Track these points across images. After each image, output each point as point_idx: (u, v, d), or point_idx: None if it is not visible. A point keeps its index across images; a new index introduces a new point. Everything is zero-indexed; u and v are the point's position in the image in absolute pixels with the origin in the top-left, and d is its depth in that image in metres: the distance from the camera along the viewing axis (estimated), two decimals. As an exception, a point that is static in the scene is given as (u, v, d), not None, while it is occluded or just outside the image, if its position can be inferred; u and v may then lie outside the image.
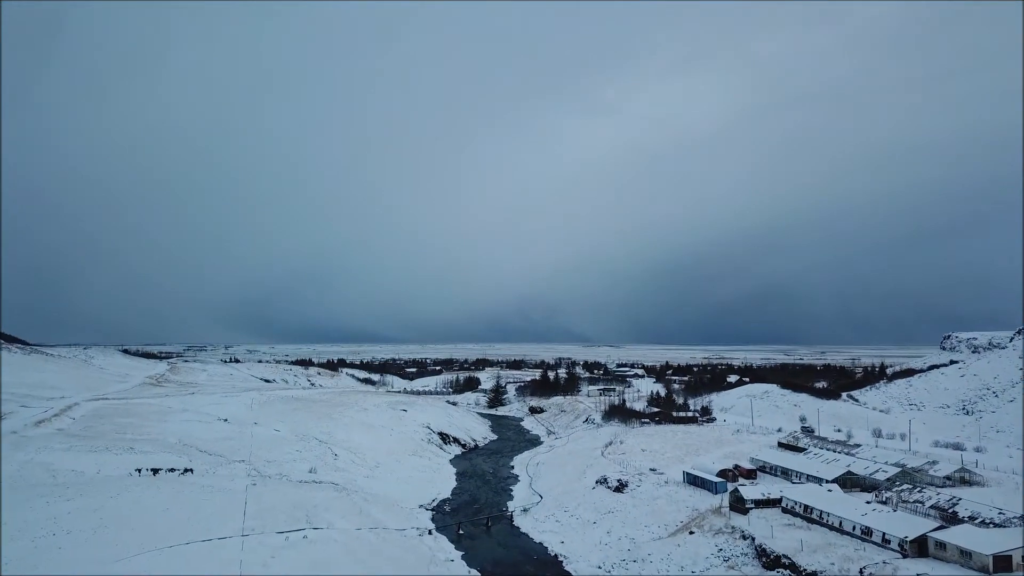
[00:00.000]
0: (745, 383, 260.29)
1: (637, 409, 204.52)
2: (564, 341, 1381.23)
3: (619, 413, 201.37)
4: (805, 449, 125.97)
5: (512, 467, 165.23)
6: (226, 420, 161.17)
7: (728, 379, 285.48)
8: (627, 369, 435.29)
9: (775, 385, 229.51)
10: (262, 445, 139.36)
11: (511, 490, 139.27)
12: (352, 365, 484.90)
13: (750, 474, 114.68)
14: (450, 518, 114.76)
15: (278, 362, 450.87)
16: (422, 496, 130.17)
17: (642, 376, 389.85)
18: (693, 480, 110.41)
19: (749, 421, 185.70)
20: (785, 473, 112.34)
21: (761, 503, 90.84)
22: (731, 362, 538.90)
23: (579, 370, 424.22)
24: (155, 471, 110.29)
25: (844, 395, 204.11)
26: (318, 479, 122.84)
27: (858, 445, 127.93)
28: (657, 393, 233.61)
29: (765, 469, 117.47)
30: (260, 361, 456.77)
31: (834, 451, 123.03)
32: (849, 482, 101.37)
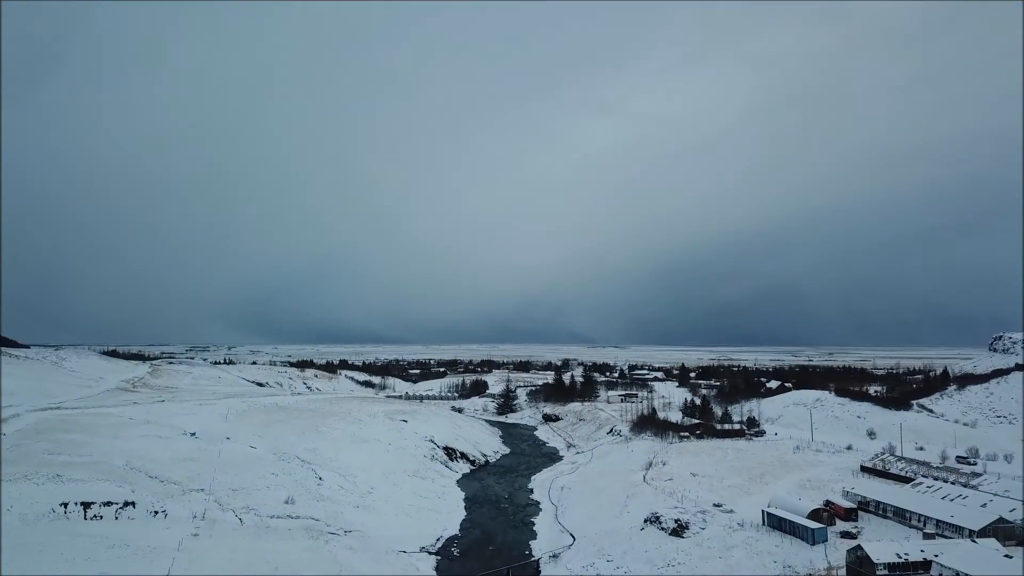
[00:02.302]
0: (787, 389, 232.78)
1: (673, 420, 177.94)
2: (568, 342, 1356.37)
3: (651, 424, 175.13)
4: (912, 479, 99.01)
5: (531, 491, 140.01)
6: (194, 435, 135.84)
7: (767, 384, 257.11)
8: (645, 372, 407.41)
9: (827, 392, 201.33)
10: (231, 467, 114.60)
11: (532, 524, 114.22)
12: (354, 367, 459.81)
13: (848, 514, 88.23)
14: (459, 567, 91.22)
15: (274, 363, 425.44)
16: (424, 532, 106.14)
17: (663, 380, 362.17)
18: (778, 523, 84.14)
19: (805, 435, 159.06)
20: (900, 515, 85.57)
21: (898, 568, 64.54)
22: (742, 363, 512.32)
23: (594, 373, 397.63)
24: (87, 506, 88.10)
25: (915, 404, 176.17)
26: (295, 512, 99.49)
27: (977, 473, 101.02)
28: (692, 401, 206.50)
29: (867, 507, 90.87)
30: (254, 363, 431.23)
31: (947, 481, 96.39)
32: (1000, 532, 74.79)
